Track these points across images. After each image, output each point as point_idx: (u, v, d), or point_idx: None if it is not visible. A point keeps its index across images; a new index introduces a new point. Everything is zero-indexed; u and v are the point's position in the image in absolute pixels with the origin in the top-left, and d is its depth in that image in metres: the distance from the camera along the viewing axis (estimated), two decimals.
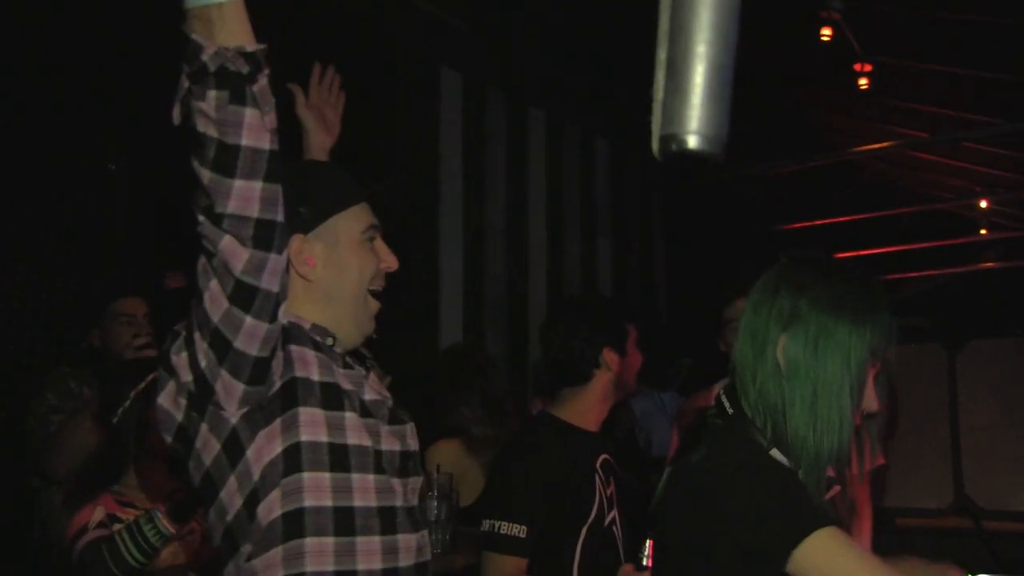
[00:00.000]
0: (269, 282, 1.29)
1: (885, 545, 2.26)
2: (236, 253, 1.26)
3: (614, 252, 6.04)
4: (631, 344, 2.39)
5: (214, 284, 1.29)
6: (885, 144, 5.84)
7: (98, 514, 2.27)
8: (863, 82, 4.96)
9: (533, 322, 5.20)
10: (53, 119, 3.46)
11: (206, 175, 1.24)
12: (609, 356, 2.32)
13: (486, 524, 2.18)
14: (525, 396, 5.02)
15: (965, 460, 5.32)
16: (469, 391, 3.39)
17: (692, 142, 0.63)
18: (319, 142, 1.93)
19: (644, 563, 1.94)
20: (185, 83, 1.23)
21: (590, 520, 2.21)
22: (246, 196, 1.25)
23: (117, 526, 2.22)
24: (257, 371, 1.31)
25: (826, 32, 4.56)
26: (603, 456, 2.33)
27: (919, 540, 1.41)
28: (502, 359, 4.84)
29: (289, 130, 1.50)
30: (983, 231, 7.11)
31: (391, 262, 1.58)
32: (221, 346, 1.29)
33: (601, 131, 5.92)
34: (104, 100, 3.54)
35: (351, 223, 1.52)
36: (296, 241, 1.47)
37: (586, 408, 2.34)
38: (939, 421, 5.41)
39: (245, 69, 1.22)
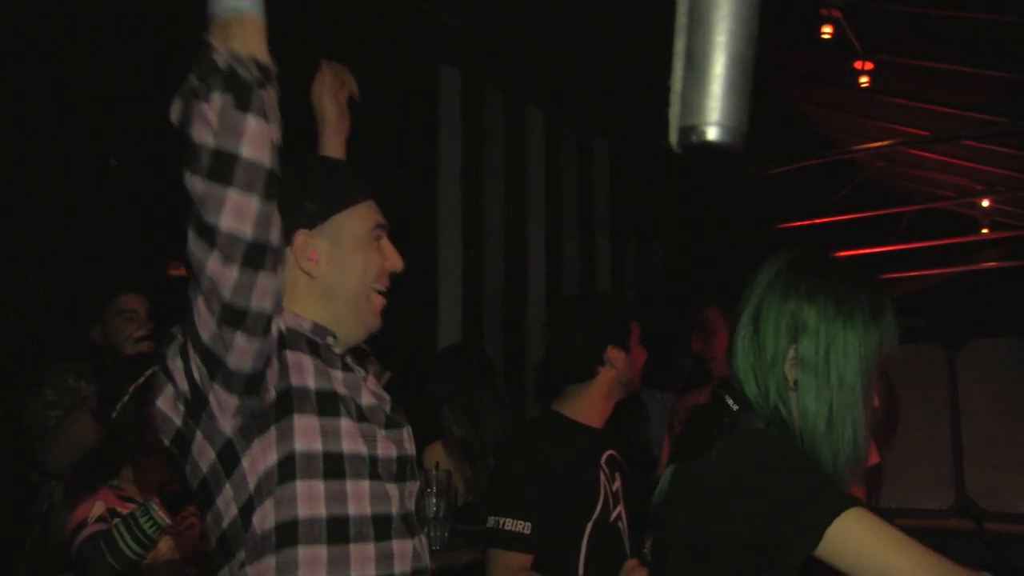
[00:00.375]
0: (260, 302, 1.25)
1: None
2: (224, 273, 1.22)
3: (612, 252, 6.03)
4: (635, 341, 2.39)
5: (202, 304, 1.26)
6: (885, 142, 5.83)
7: (97, 509, 2.27)
8: (864, 80, 4.95)
9: (531, 321, 5.19)
10: (54, 114, 3.44)
11: (199, 185, 1.20)
12: (613, 353, 2.33)
13: (491, 521, 2.18)
14: (524, 395, 5.01)
15: (966, 461, 5.31)
16: (459, 391, 3.39)
17: (712, 133, 0.62)
18: (339, 132, 1.89)
19: (649, 558, 1.94)
20: (192, 82, 1.20)
21: (595, 516, 2.22)
22: (241, 211, 1.20)
23: (116, 521, 2.22)
24: (251, 385, 1.30)
25: (827, 30, 4.54)
26: (608, 452, 2.34)
27: (920, 541, 1.40)
28: (500, 358, 4.83)
29: (296, 131, 1.48)
30: (984, 230, 7.09)
31: (396, 262, 1.55)
32: (212, 363, 1.27)
33: (600, 131, 5.91)
34: (106, 94, 3.52)
35: (357, 221, 1.50)
36: (301, 236, 1.46)
37: (590, 405, 2.35)
38: (940, 421, 5.40)
39: (255, 75, 1.20)
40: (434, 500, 2.82)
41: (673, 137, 0.62)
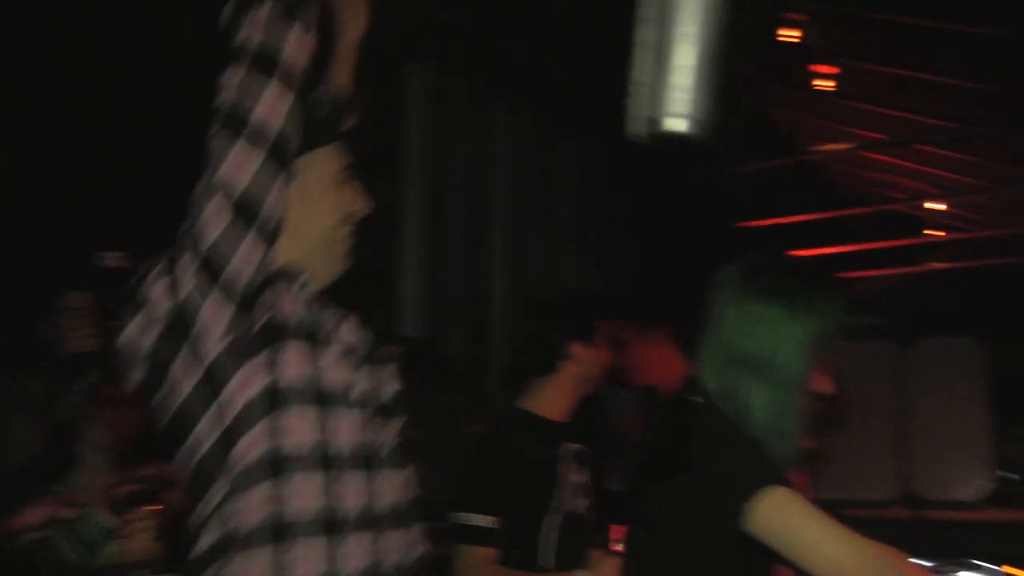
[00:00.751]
0: (273, 205, 1.29)
1: None
2: (248, 160, 1.27)
3: (577, 250, 6.03)
4: (601, 339, 2.42)
5: (215, 200, 1.26)
6: (845, 145, 5.91)
7: (38, 514, 2.20)
8: (825, 83, 5.01)
9: (495, 319, 5.17)
10: None
11: (241, 77, 1.29)
12: (576, 349, 2.36)
13: (456, 516, 2.20)
14: (487, 393, 4.99)
15: (912, 454, 5.51)
16: (412, 389, 3.37)
17: (677, 124, 0.59)
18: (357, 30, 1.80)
19: (611, 548, 2.00)
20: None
21: (559, 508, 2.25)
22: (275, 102, 1.29)
23: (58, 527, 2.16)
24: (247, 299, 1.28)
25: (790, 33, 4.59)
26: (571, 445, 2.36)
27: (866, 530, 1.49)
28: (463, 356, 4.81)
29: None
30: (935, 232, 7.24)
31: (361, 205, 1.55)
32: (215, 268, 1.26)
33: (566, 130, 5.91)
34: (50, 89, 3.43)
35: (325, 161, 1.50)
36: None
37: (553, 399, 2.37)
38: (888, 416, 5.57)
39: None
40: None
41: (637, 127, 0.59)
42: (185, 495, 1.34)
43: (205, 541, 1.30)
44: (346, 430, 1.36)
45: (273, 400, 1.29)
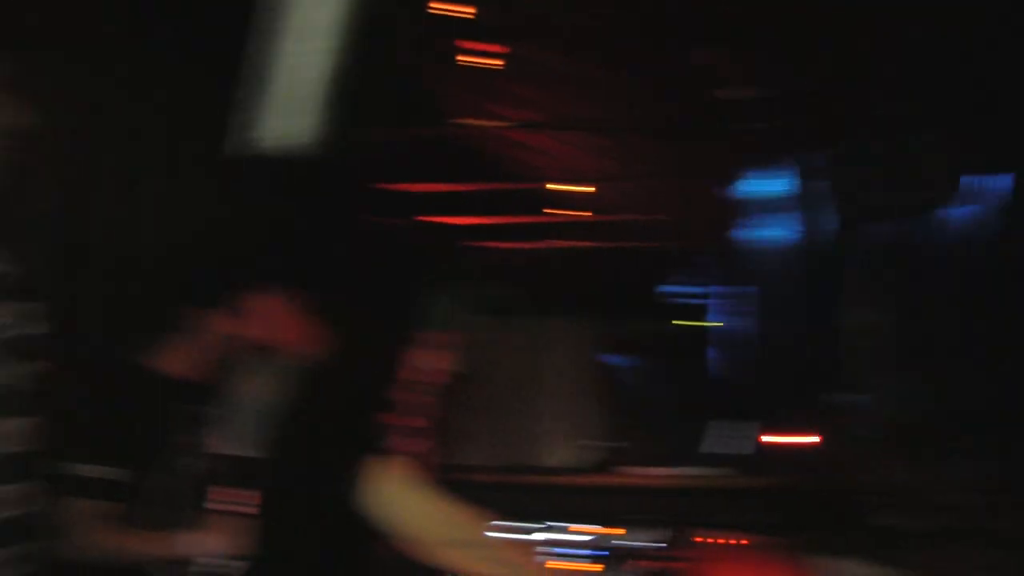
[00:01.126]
0: None
1: None
2: None
3: (208, 214, 5.63)
4: (230, 304, 2.42)
5: None
6: (496, 123, 6.14)
7: None
8: (487, 62, 5.14)
9: (117, 278, 4.69)
10: None
11: None
12: (203, 312, 2.38)
13: (71, 468, 2.18)
14: (106, 348, 4.55)
15: (529, 423, 6.00)
16: None
17: (283, 142, 0.51)
18: None
19: (228, 511, 2.09)
20: None
21: (173, 467, 2.28)
22: None
23: None
24: None
25: (455, 9, 4.63)
26: (193, 405, 2.37)
27: (476, 496, 1.61)
28: (60, 317, 4.31)
29: None
30: (574, 212, 7.74)
31: (23, 119, 1.47)
32: None
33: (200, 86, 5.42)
34: None
35: None
36: None
37: (177, 359, 2.38)
38: (508, 388, 6.02)
39: None
40: None
41: (240, 147, 0.50)
42: None
43: None
44: None
45: None
